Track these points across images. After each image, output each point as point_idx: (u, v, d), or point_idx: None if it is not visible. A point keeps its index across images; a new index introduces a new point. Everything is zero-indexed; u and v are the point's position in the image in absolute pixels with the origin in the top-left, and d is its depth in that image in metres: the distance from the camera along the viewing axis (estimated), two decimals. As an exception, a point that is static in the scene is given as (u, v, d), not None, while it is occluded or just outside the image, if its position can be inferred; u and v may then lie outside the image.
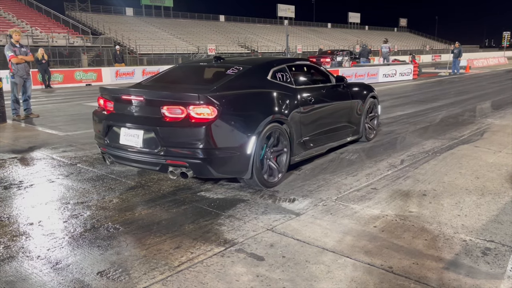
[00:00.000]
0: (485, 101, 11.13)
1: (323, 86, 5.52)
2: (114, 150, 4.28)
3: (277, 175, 4.41)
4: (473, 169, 4.88)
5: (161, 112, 3.88)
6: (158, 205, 3.89)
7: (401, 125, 7.84)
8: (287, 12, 72.26)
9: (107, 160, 4.51)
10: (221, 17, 66.01)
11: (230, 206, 3.84)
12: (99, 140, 4.51)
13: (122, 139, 4.17)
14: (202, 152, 3.81)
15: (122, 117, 4.19)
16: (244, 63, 4.83)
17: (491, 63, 34.51)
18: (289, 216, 3.58)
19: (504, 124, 7.69)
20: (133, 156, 4.12)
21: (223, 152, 3.90)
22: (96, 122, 4.54)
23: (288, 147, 4.53)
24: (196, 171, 3.91)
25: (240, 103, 4.17)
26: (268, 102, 4.44)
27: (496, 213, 3.59)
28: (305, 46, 56.14)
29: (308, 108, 4.92)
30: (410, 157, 5.46)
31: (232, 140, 3.97)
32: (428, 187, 4.28)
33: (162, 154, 3.90)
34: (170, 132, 3.86)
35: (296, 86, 4.92)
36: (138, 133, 4.04)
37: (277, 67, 4.86)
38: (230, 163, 4.01)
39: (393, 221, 3.45)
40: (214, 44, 47.48)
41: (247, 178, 4.16)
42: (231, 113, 3.96)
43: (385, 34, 71.39)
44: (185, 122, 3.79)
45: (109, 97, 4.37)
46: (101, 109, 4.49)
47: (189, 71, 5.40)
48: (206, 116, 3.78)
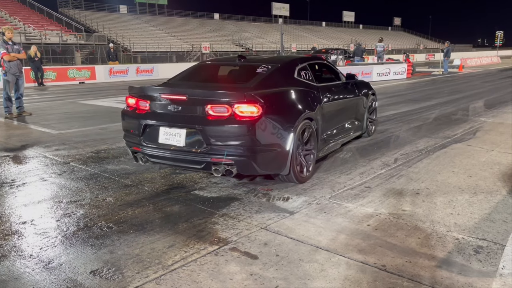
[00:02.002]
0: (478, 100, 11.20)
1: (337, 83, 5.68)
2: (151, 150, 4.21)
3: (308, 170, 4.54)
4: (466, 167, 4.91)
5: (205, 110, 3.88)
6: (152, 203, 3.88)
7: (394, 124, 7.87)
8: (281, 11, 72.22)
9: (140, 160, 4.43)
10: (215, 15, 65.83)
11: (224, 204, 3.84)
12: (132, 139, 4.43)
13: (161, 139, 4.13)
14: (247, 150, 3.85)
15: (161, 116, 4.14)
16: (270, 62, 4.89)
17: (484, 62, 34.72)
18: (283, 215, 3.58)
19: (496, 123, 7.75)
20: (173, 155, 4.09)
21: (266, 149, 3.97)
22: (127, 122, 4.48)
23: (316, 143, 4.66)
24: (241, 168, 3.95)
25: (279, 101, 4.28)
26: (300, 100, 4.52)
27: (489, 212, 3.61)
28: (300, 44, 56.15)
29: (328, 104, 5.05)
30: (404, 155, 5.49)
31: (274, 137, 4.02)
32: (421, 185, 4.31)
33: (207, 153, 3.91)
34: (215, 131, 3.86)
35: (317, 84, 5.06)
36: (180, 132, 4.03)
37: (300, 65, 4.98)
38: (272, 160, 4.08)
39: (387, 220, 3.46)
40: (208, 42, 47.32)
41: (285, 174, 4.23)
42: (273, 111, 4.00)
43: (379, 33, 71.60)
44: (231, 120, 3.82)
45: (144, 96, 4.31)
46: (133, 109, 4.41)
47: (216, 70, 5.41)
48: (251, 114, 3.82)
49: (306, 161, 4.51)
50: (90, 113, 10.10)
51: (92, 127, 7.96)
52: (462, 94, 12.89)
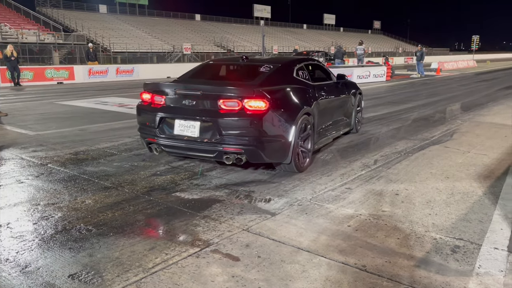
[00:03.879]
0: (455, 103, 11.46)
1: (329, 83, 6.16)
2: (166, 140, 4.61)
3: (306, 161, 4.97)
4: (444, 169, 5.01)
5: (218, 105, 4.30)
6: (132, 206, 3.83)
7: (374, 125, 7.98)
8: (263, 13, 72.44)
9: (155, 150, 4.81)
10: (197, 16, 65.56)
11: (206, 206, 3.82)
12: (147, 132, 4.80)
13: (176, 130, 4.55)
14: (255, 140, 4.28)
15: (177, 110, 4.56)
16: (271, 62, 5.40)
17: (460, 66, 35.53)
18: (265, 216, 3.59)
19: (472, 125, 7.94)
20: (188, 145, 4.50)
21: (272, 139, 4.39)
22: (143, 115, 4.86)
23: (312, 136, 5.10)
24: (250, 156, 4.37)
25: (282, 97, 4.70)
26: (300, 96, 4.94)
27: (465, 212, 3.70)
28: (281, 46, 56.42)
29: (322, 102, 5.47)
30: (383, 157, 5.57)
31: (278, 129, 4.46)
32: (401, 186, 4.38)
33: (219, 142, 4.32)
34: (226, 123, 4.27)
35: (312, 82, 5.49)
36: (194, 124, 4.44)
37: (298, 65, 5.44)
38: (276, 149, 4.49)
39: (367, 220, 3.51)
40: (189, 43, 47.10)
41: (287, 163, 4.65)
42: (277, 106, 4.43)
43: (360, 36, 72.55)
44: (241, 113, 4.24)
45: (159, 91, 4.70)
46: (148, 103, 4.81)
47: (222, 69, 5.85)
48: (259, 108, 4.25)
49: (306, 153, 4.95)
50: (68, 114, 9.92)
51: (71, 128, 7.82)
52: (439, 97, 13.16)
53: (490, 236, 3.20)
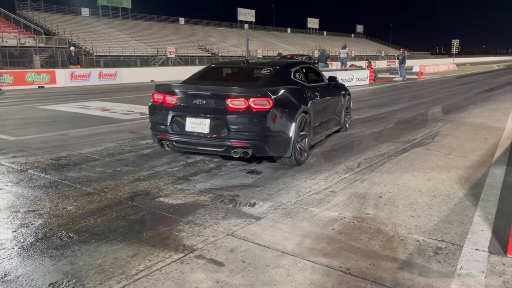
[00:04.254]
0: (436, 106, 11.65)
1: (322, 84, 6.62)
2: (178, 137, 5.01)
3: (304, 155, 5.39)
4: (425, 171, 5.08)
5: (226, 103, 4.71)
6: (115, 211, 3.78)
7: (358, 128, 8.05)
8: (247, 16, 72.63)
9: (166, 146, 5.19)
10: (181, 20, 65.37)
11: (190, 211, 3.79)
12: (159, 129, 5.17)
13: (188, 127, 4.92)
14: (261, 135, 4.70)
15: (188, 109, 4.95)
16: (271, 65, 5.81)
17: (441, 69, 36.15)
18: (250, 221, 3.58)
19: (453, 128, 8.07)
20: (198, 140, 4.90)
21: (275, 135, 4.81)
22: (155, 114, 5.21)
23: (309, 132, 5.52)
24: (256, 150, 4.79)
25: (283, 96, 5.08)
26: (298, 96, 5.38)
27: (447, 214, 3.75)
28: (266, 50, 56.62)
29: (316, 101, 5.91)
30: (367, 160, 5.62)
31: (280, 126, 4.89)
32: (384, 189, 4.42)
33: (227, 138, 4.73)
34: (234, 120, 4.69)
35: (307, 84, 5.94)
36: (204, 122, 4.82)
37: (295, 68, 5.89)
38: (279, 144, 4.92)
39: (351, 223, 3.53)
40: (173, 47, 46.91)
41: (288, 156, 5.07)
42: (279, 105, 4.86)
43: (343, 40, 73.25)
44: (247, 111, 4.67)
45: (170, 92, 5.09)
46: (159, 103, 5.16)
47: (225, 71, 6.23)
48: (263, 106, 4.67)
49: (303, 147, 5.39)
50: (49, 118, 9.76)
51: (52, 133, 7.69)
52: (421, 100, 13.36)
53: (471, 237, 3.25)
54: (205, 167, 5.26)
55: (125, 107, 11.84)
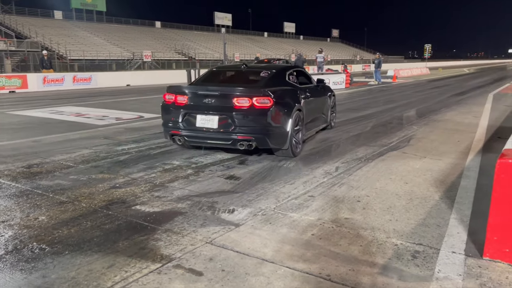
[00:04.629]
0: (411, 109, 11.86)
1: (311, 86, 7.30)
2: (189, 132, 5.65)
3: (298, 147, 6.10)
4: (402, 174, 5.14)
5: (233, 102, 5.36)
6: (90, 221, 3.68)
7: (335, 132, 8.11)
8: (224, 20, 72.63)
9: (178, 140, 5.84)
10: (157, 23, 64.80)
11: (167, 219, 3.72)
12: (171, 126, 5.79)
13: (198, 123, 5.56)
14: (263, 130, 5.39)
15: (198, 107, 5.58)
16: (268, 69, 6.53)
17: (415, 73, 36.96)
18: (229, 228, 3.54)
19: (427, 131, 8.22)
20: (208, 135, 5.54)
21: (275, 129, 5.49)
22: (168, 112, 5.83)
23: (302, 128, 6.21)
24: (259, 143, 5.46)
25: (281, 96, 5.74)
26: (293, 96, 6.10)
27: (424, 217, 3.80)
28: (243, 54, 56.68)
29: (307, 101, 6.56)
30: (344, 164, 5.65)
31: (279, 121, 5.55)
32: (362, 193, 4.45)
33: (234, 132, 5.39)
34: (240, 116, 5.35)
35: (299, 85, 6.66)
36: (213, 118, 5.47)
37: (289, 71, 6.62)
38: (278, 137, 5.60)
39: (330, 228, 3.53)
40: (150, 51, 46.42)
41: (285, 148, 5.74)
42: (278, 103, 5.51)
43: (319, 44, 74.05)
44: (251, 109, 5.33)
45: (182, 92, 5.74)
46: (171, 102, 5.78)
47: (228, 74, 6.94)
48: (265, 104, 5.34)
49: (298, 140, 6.07)
50: (21, 124, 9.46)
51: (24, 140, 7.46)
52: (396, 103, 13.59)
53: (448, 240, 3.30)
54: (183, 173, 5.18)
55: (100, 112, 11.61)
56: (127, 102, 14.55)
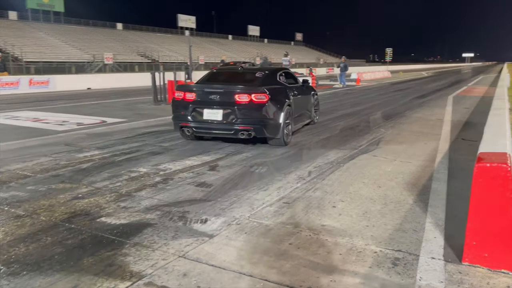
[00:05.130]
0: (377, 112, 12.03)
1: (297, 85, 8.34)
2: (197, 124, 6.62)
3: (288, 138, 7.10)
4: (375, 178, 5.12)
5: (235, 98, 6.36)
6: (50, 236, 3.39)
7: (305, 136, 8.06)
8: (187, 23, 71.87)
9: (187, 131, 6.85)
10: (118, 25, 63.28)
11: (136, 232, 3.49)
12: (181, 118, 6.77)
13: (205, 116, 6.53)
14: (260, 121, 6.41)
15: (205, 102, 6.57)
16: (262, 70, 7.61)
17: (377, 76, 37.87)
18: (202, 239, 3.35)
19: (395, 134, 8.33)
20: (213, 126, 6.52)
21: (270, 121, 6.50)
22: (178, 107, 6.83)
23: (291, 121, 7.25)
24: (257, 133, 6.45)
25: (275, 93, 6.76)
26: (284, 93, 7.19)
27: (400, 222, 3.76)
28: (208, 57, 56.25)
29: (295, 98, 7.58)
30: (317, 168, 5.58)
31: (273, 114, 6.57)
32: (336, 198, 4.37)
33: (236, 123, 6.40)
34: (241, 110, 6.35)
35: (288, 84, 7.70)
36: (218, 111, 6.45)
37: (279, 72, 7.72)
38: (272, 128, 6.60)
39: (308, 237, 3.41)
40: (111, 53, 45.19)
41: (278, 138, 6.73)
42: (273, 99, 6.53)
43: (283, 47, 74.67)
44: (250, 104, 6.34)
45: (190, 90, 6.78)
46: (181, 99, 6.75)
47: (227, 74, 7.86)
48: (262, 100, 6.36)
49: (288, 131, 7.12)
50: (-28, 131, 8.84)
51: (-25, 148, 6.94)
52: (362, 106, 13.77)
53: (426, 246, 3.26)
54: (151, 181, 4.94)
55: (59, 117, 11.06)
56: (89, 106, 13.99)
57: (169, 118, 10.51)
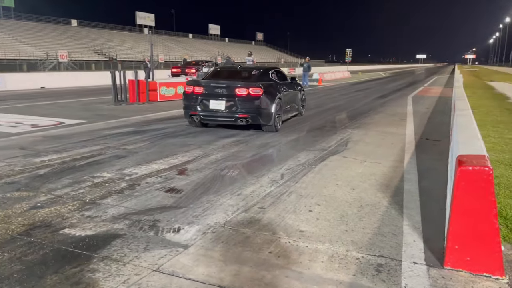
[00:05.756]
0: (341, 112, 12.14)
1: (287, 82, 9.79)
2: (204, 112, 8.06)
3: (278, 125, 8.50)
4: (348, 180, 5.08)
5: (235, 91, 7.79)
6: (7, 252, 3.08)
7: (274, 137, 7.95)
8: (146, 20, 70.35)
9: (195, 119, 8.28)
10: (73, 22, 61.02)
11: (104, 244, 3.23)
12: (190, 108, 8.18)
13: (211, 106, 7.97)
14: (256, 110, 7.82)
15: (211, 94, 7.98)
16: (257, 69, 9.25)
17: (338, 76, 38.53)
18: (176, 250, 3.15)
19: (361, 134, 8.39)
20: (218, 114, 7.96)
21: (264, 110, 7.91)
22: (188, 99, 8.22)
23: (281, 112, 8.69)
24: (253, 120, 7.88)
25: (268, 87, 8.20)
26: (276, 88, 8.65)
27: (378, 225, 3.71)
28: (167, 55, 55.26)
29: (284, 92, 9.04)
30: (289, 170, 5.48)
31: (267, 105, 7.99)
32: (312, 201, 4.28)
33: (236, 112, 7.83)
34: (240, 101, 7.78)
35: (278, 81, 9.13)
36: (222, 102, 7.89)
37: (271, 71, 9.17)
38: (266, 116, 8.02)
39: (287, 244, 3.29)
40: (66, 51, 43.39)
41: (270, 124, 8.14)
42: (266, 92, 7.98)
43: (244, 47, 74.65)
44: (248, 96, 7.76)
45: (199, 84, 8.23)
46: (191, 92, 8.17)
47: (230, 71, 9.35)
48: (257, 93, 7.77)
49: (279, 119, 8.57)
50: None
51: None
52: (326, 106, 13.88)
53: (407, 250, 3.21)
54: (116, 188, 4.66)
55: (11, 118, 10.39)
56: (43, 106, 13.26)
57: (131, 119, 10.14)
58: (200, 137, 7.82)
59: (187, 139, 7.64)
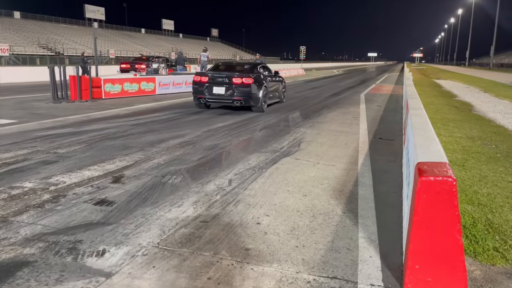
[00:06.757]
0: (294, 111, 11.87)
1: (271, 74, 12.57)
2: (209, 96, 10.87)
3: (264, 107, 11.26)
4: (299, 185, 4.73)
5: (232, 80, 10.63)
6: None
7: (223, 138, 7.50)
8: (96, 14, 67.52)
9: (201, 101, 11.09)
10: (16, 14, 57.43)
11: (6, 275, 2.66)
12: (199, 92, 11.00)
13: (214, 91, 10.78)
14: (247, 95, 10.67)
15: (215, 82, 10.80)
16: (247, 64, 12.40)
17: (292, 74, 38.52)
18: (97, 280, 2.64)
19: (314, 134, 8.11)
20: (219, 97, 10.79)
21: (253, 95, 10.75)
22: (197, 86, 11.03)
23: (266, 98, 11.45)
24: (245, 102, 10.72)
25: (257, 78, 10.97)
26: (262, 78, 11.33)
27: (331, 239, 3.36)
28: (118, 50, 53.20)
29: (270, 83, 11.89)
30: (238, 175, 5.06)
31: (256, 91, 10.81)
32: (261, 212, 3.88)
33: (232, 96, 10.66)
34: (236, 88, 10.62)
35: (264, 73, 11.80)
36: (222, 88, 10.73)
37: (259, 66, 12.01)
38: (255, 99, 10.82)
39: (230, 267, 2.86)
40: (7, 44, 40.56)
41: (258, 106, 10.95)
42: (256, 81, 10.80)
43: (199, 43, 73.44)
44: (242, 84, 10.60)
45: (205, 75, 11.09)
46: (198, 81, 10.98)
47: (228, 66, 12.05)
48: (249, 82, 10.61)
49: (265, 103, 11.33)
50: None
51: None
52: (279, 105, 13.57)
53: (363, 269, 2.88)
54: (37, 200, 4.03)
55: None
56: (-27, 104, 12.05)
57: (69, 119, 9.34)
58: (143, 138, 7.23)
59: (128, 140, 7.03)
